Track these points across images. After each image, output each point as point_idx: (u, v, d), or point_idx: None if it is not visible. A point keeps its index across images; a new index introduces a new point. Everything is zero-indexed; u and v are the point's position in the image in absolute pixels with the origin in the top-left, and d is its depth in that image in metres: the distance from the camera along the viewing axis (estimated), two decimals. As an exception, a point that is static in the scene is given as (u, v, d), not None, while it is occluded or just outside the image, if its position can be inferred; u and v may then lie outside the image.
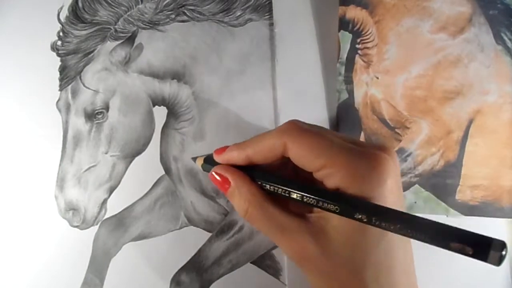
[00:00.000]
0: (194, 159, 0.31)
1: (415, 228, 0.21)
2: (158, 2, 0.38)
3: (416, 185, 0.36)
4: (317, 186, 0.26)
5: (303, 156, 0.26)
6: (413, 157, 0.36)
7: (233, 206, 0.28)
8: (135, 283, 0.35)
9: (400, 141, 0.37)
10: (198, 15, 0.39)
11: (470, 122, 0.37)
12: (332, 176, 0.24)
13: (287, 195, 0.26)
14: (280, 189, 0.26)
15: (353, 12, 0.37)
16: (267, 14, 0.39)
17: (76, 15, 0.38)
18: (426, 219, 0.22)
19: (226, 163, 0.29)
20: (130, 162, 0.37)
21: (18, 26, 0.38)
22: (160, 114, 0.38)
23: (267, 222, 0.26)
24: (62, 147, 0.37)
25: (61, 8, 0.38)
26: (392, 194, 0.24)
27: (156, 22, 0.38)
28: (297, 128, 0.26)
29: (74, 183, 0.36)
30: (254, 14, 0.39)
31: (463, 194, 0.36)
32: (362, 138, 0.37)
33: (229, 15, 0.39)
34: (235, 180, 0.28)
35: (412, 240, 0.23)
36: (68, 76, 0.37)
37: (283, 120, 0.34)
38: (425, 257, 0.28)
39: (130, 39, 0.38)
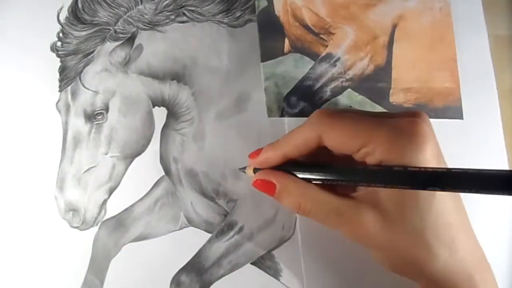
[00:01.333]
0: (243, 169, 0.32)
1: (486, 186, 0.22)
2: (158, 3, 0.38)
3: (349, 90, 0.37)
4: (358, 166, 0.27)
5: (340, 142, 0.26)
6: (342, 62, 0.37)
7: (284, 206, 0.29)
8: (135, 284, 0.35)
9: (327, 46, 0.37)
10: (198, 16, 0.39)
11: (394, 27, 0.38)
12: (373, 153, 0.25)
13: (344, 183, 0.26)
14: (335, 181, 0.27)
15: None
16: (267, 14, 0.39)
17: (75, 16, 0.38)
18: (490, 171, 0.22)
19: (263, 165, 0.30)
20: (130, 163, 0.37)
21: (18, 27, 0.38)
22: (160, 115, 0.38)
23: (322, 211, 0.27)
24: (62, 148, 0.37)
25: (61, 9, 0.38)
26: (433, 159, 0.25)
27: (156, 23, 0.38)
28: (327, 116, 0.27)
29: (74, 184, 0.36)
30: (253, 15, 0.39)
31: (396, 96, 0.37)
32: (287, 45, 0.37)
33: (229, 16, 0.39)
34: (279, 181, 0.28)
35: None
36: (68, 77, 0.37)
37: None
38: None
39: (130, 40, 0.38)
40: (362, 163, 0.26)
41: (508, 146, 0.38)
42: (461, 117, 0.38)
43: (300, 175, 0.28)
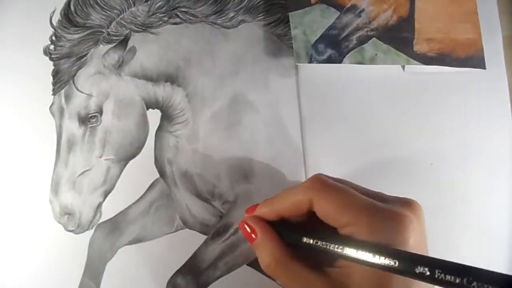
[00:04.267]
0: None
1: (483, 280, 0.20)
2: (151, 5, 0.38)
3: (374, 39, 0.39)
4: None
5: (328, 212, 0.26)
6: (367, 12, 0.39)
7: (259, 259, 0.29)
8: (131, 286, 0.35)
9: (351, -2, 0.40)
10: (191, 17, 0.39)
11: (416, -20, 0.40)
12: (356, 233, 0.25)
13: (334, 249, 0.25)
14: (325, 246, 0.26)
15: None
16: (260, 15, 0.39)
17: (68, 19, 0.38)
18: (489, 271, 0.20)
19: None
20: (125, 165, 0.37)
21: (10, 30, 0.38)
22: (154, 117, 0.38)
23: (290, 279, 0.27)
24: (56, 152, 0.37)
25: (54, 12, 0.38)
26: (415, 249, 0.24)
27: (149, 25, 0.38)
28: (322, 184, 0.27)
29: (68, 188, 0.36)
30: (247, 16, 0.39)
31: (420, 46, 0.39)
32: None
33: (222, 17, 0.39)
34: (262, 233, 0.28)
35: None
36: (61, 80, 0.37)
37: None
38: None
39: (123, 42, 0.38)
40: (347, 237, 0.26)
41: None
42: (483, 67, 0.39)
43: (286, 235, 0.28)
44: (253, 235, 0.29)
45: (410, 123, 0.39)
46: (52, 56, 0.38)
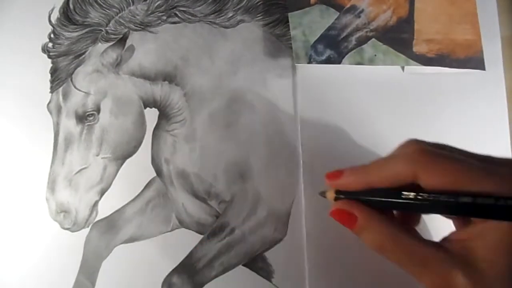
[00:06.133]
0: (323, 194, 0.29)
1: None
2: (150, 4, 0.38)
3: (373, 39, 0.39)
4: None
5: (438, 184, 0.24)
6: (366, 13, 0.39)
7: (363, 241, 0.26)
8: (126, 285, 0.35)
9: (350, -1, 0.40)
10: (190, 17, 0.39)
11: (416, -19, 0.40)
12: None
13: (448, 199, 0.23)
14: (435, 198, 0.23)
15: None
16: (259, 15, 0.39)
17: (67, 17, 0.38)
18: None
19: (341, 188, 0.27)
20: (122, 164, 0.37)
21: (9, 28, 0.38)
22: (151, 116, 0.38)
23: (406, 255, 0.24)
24: (53, 149, 0.37)
25: (52, 10, 0.38)
26: None
27: (148, 24, 0.38)
28: (427, 154, 0.25)
29: (65, 185, 0.36)
30: (246, 15, 0.39)
31: (419, 47, 0.39)
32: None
33: (221, 16, 0.39)
34: (363, 216, 0.26)
35: None
36: (59, 78, 0.37)
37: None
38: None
39: (121, 41, 0.38)
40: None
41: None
42: (483, 68, 0.39)
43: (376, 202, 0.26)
44: (353, 221, 0.26)
45: (408, 124, 0.39)
46: (51, 54, 0.38)
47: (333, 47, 0.38)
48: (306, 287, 0.35)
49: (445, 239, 0.25)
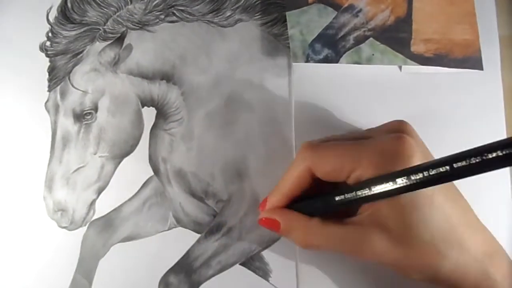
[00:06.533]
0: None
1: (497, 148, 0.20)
2: (148, 3, 0.38)
3: (371, 39, 0.39)
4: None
5: (329, 171, 0.28)
6: (364, 13, 0.39)
7: (292, 242, 0.30)
8: (123, 284, 0.35)
9: (349, -2, 0.40)
10: (188, 16, 0.39)
11: (414, -20, 0.40)
12: (364, 175, 0.26)
13: (363, 194, 0.26)
14: (353, 195, 0.26)
15: None
16: (257, 14, 0.39)
17: (65, 15, 0.38)
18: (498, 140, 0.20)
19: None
20: (119, 163, 0.37)
21: (6, 26, 0.38)
22: (149, 115, 0.38)
23: (329, 242, 0.28)
24: (51, 148, 0.37)
25: (50, 8, 0.38)
26: None
27: (146, 23, 0.38)
28: (312, 149, 0.29)
29: (62, 184, 0.36)
30: (244, 15, 0.39)
31: (417, 46, 0.39)
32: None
33: (219, 16, 0.39)
34: (282, 218, 0.30)
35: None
36: (57, 77, 0.37)
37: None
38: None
39: (119, 40, 0.38)
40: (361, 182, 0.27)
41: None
42: (481, 68, 0.39)
43: (304, 210, 0.29)
44: (276, 225, 0.30)
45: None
46: (48, 52, 0.38)
47: (331, 46, 0.38)
48: (303, 286, 0.35)
49: (360, 216, 0.28)
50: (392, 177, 0.24)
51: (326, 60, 0.38)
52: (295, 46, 0.38)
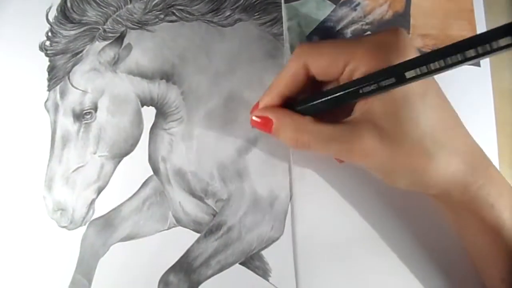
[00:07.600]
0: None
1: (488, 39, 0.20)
2: (147, 2, 0.38)
3: (369, 32, 0.39)
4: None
5: (324, 66, 0.27)
6: (362, 7, 0.39)
7: (283, 142, 0.29)
8: (123, 283, 0.35)
9: (347, -8, 0.40)
10: (187, 15, 0.39)
11: (413, -25, 0.40)
12: (359, 67, 0.26)
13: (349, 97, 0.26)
14: (340, 95, 0.26)
15: None
16: (256, 14, 0.39)
17: (64, 15, 0.38)
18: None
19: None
20: (119, 162, 0.37)
21: (6, 26, 0.38)
22: (148, 114, 0.38)
23: (319, 140, 0.28)
24: (51, 148, 0.37)
25: (50, 8, 0.38)
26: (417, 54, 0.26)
27: (145, 22, 0.38)
28: (308, 45, 0.29)
29: (62, 183, 0.36)
30: (243, 14, 0.39)
31: (415, 41, 0.39)
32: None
33: (218, 15, 0.39)
34: (276, 116, 0.29)
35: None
36: (57, 76, 0.37)
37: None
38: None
39: (119, 39, 0.38)
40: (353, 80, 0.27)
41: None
42: (478, 64, 0.39)
43: (298, 108, 0.29)
44: (269, 124, 0.29)
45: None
46: (48, 52, 0.38)
47: (329, 39, 0.38)
48: (303, 286, 0.35)
49: (347, 116, 0.28)
50: (382, 73, 0.24)
51: None
52: (292, 38, 0.38)
